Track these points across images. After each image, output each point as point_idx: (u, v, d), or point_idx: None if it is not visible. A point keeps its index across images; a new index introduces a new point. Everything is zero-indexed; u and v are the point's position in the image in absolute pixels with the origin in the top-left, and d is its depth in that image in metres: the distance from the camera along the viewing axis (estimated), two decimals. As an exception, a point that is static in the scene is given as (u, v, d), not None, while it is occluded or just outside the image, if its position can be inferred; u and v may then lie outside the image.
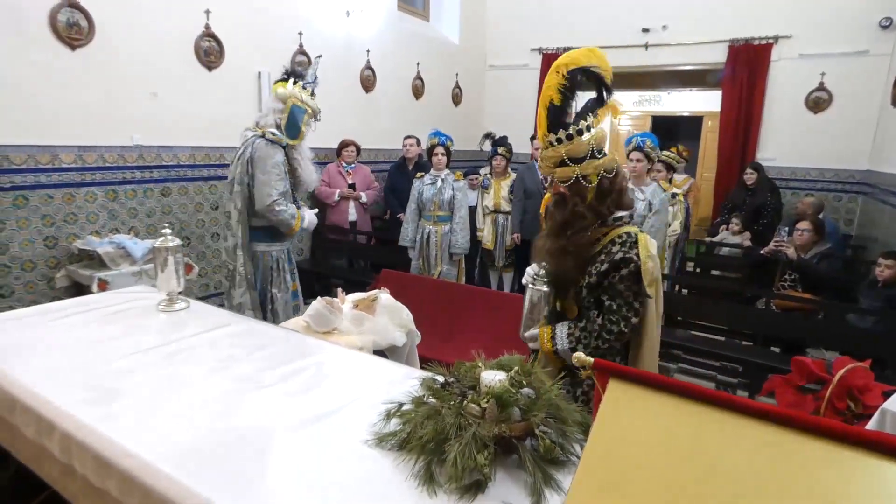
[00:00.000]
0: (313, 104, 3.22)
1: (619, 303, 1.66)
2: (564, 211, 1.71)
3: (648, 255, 1.65)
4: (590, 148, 1.65)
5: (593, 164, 1.65)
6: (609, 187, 1.69)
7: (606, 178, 1.68)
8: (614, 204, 1.72)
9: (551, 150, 1.69)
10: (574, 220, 1.69)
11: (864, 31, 6.07)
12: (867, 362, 2.24)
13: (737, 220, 5.60)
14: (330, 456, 1.16)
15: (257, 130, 3.13)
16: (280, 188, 3.06)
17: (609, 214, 1.71)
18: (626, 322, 1.66)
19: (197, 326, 1.89)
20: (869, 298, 3.73)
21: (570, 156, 1.65)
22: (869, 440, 0.82)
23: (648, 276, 1.63)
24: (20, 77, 3.31)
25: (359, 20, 5.83)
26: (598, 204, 1.69)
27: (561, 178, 1.69)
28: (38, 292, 3.54)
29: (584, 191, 1.67)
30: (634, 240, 1.66)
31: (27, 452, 1.42)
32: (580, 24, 7.53)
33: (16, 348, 1.66)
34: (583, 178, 1.66)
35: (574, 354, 1.09)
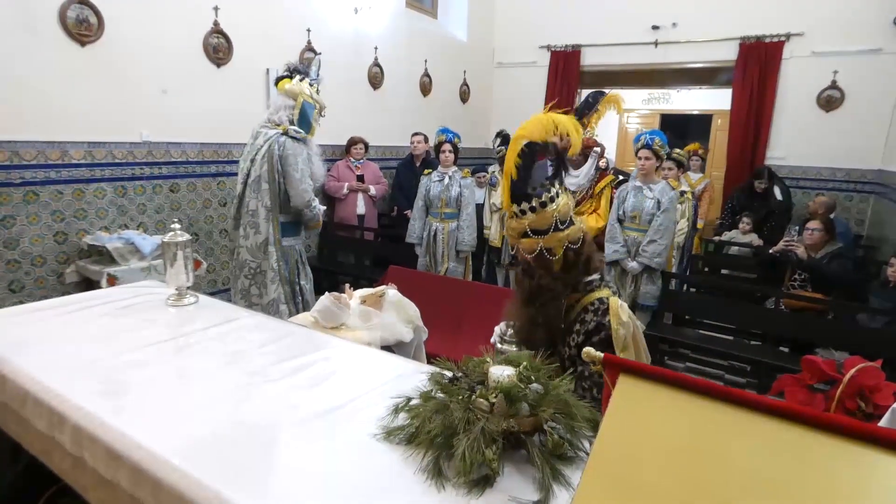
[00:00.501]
0: (320, 100, 3.33)
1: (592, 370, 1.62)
2: (531, 282, 1.69)
3: (620, 322, 1.64)
4: (553, 220, 1.63)
5: (557, 237, 1.64)
6: (574, 259, 1.68)
7: (571, 249, 1.66)
8: (583, 272, 1.70)
9: (515, 221, 1.68)
10: (540, 292, 1.68)
11: (878, 29, 5.98)
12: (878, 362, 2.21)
13: (747, 219, 5.55)
14: (338, 449, 1.17)
15: (278, 128, 3.17)
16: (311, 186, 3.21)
17: (580, 281, 1.70)
18: (598, 388, 1.62)
19: (206, 321, 1.90)
20: (880, 298, 3.69)
21: (534, 228, 1.64)
22: (883, 437, 0.81)
23: (620, 343, 1.63)
24: (30, 73, 3.33)
25: (367, 17, 5.83)
26: (565, 274, 1.68)
27: (525, 250, 1.67)
28: (48, 287, 3.57)
29: (548, 263, 1.66)
30: (606, 306, 1.65)
31: (38, 445, 1.43)
32: (589, 21, 7.48)
33: (27, 342, 1.67)
34: (547, 250, 1.64)
35: (584, 350, 1.08)
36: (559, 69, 7.78)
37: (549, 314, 1.68)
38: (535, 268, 1.68)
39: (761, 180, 5.76)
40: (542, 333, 1.68)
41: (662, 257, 3.89)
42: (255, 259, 3.26)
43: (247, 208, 3.26)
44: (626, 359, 1.02)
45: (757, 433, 0.88)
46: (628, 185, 4.14)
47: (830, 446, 0.84)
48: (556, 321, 1.69)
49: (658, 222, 3.86)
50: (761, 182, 5.74)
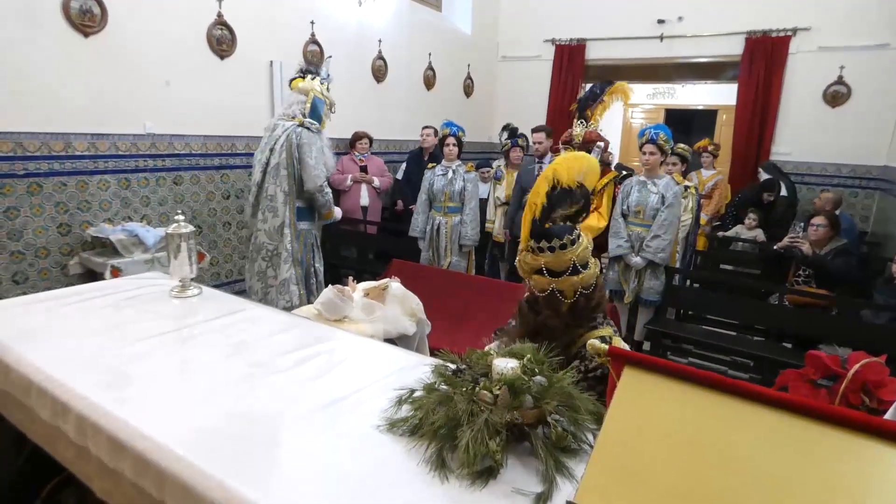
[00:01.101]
0: (330, 97, 3.58)
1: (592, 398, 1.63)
2: (536, 318, 1.64)
3: None
4: (571, 264, 1.57)
5: (571, 282, 1.58)
6: (585, 305, 1.62)
7: (583, 294, 1.60)
8: (590, 315, 1.65)
9: (531, 257, 1.61)
10: (546, 329, 1.62)
11: (885, 25, 5.94)
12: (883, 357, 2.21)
13: (753, 215, 5.51)
14: (341, 441, 1.17)
15: (294, 121, 3.45)
16: (324, 172, 3.48)
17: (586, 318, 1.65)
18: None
19: (209, 312, 1.90)
20: (884, 295, 3.68)
21: (550, 268, 1.58)
22: (885, 429, 0.81)
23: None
24: (33, 64, 3.33)
25: (371, 10, 5.81)
26: (572, 316, 1.63)
27: (537, 288, 1.62)
28: (51, 279, 3.58)
29: (558, 304, 1.60)
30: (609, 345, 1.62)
31: (42, 435, 1.44)
32: (594, 15, 7.44)
33: (31, 332, 1.68)
34: (559, 292, 1.59)
35: (589, 342, 1.08)
36: (564, 63, 7.74)
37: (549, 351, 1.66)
38: (542, 305, 1.63)
39: (770, 193, 5.71)
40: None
41: (666, 252, 3.88)
42: (272, 241, 3.51)
43: (265, 193, 3.50)
44: (630, 350, 1.01)
45: (761, 425, 0.88)
46: (632, 179, 4.13)
47: (834, 438, 0.84)
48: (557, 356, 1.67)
49: (662, 217, 3.85)
50: (770, 195, 5.69)
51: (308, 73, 3.53)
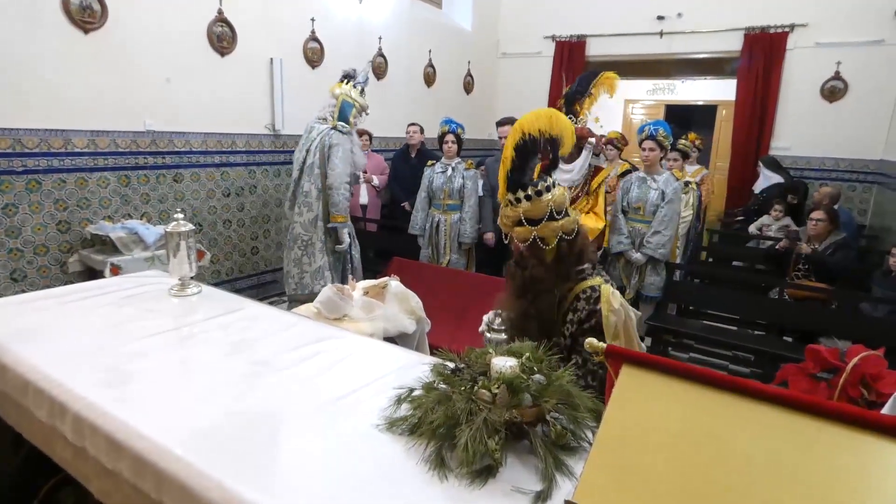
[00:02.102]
0: (361, 101, 3.89)
1: (585, 357, 1.63)
2: (524, 273, 1.69)
3: (611, 309, 1.63)
4: (548, 209, 1.64)
5: (550, 227, 1.64)
6: (567, 250, 1.68)
7: (565, 240, 1.67)
8: (575, 263, 1.70)
9: (510, 210, 1.68)
10: (533, 282, 1.67)
11: (881, 21, 5.99)
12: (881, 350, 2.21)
13: (779, 206, 5.43)
14: (341, 440, 1.17)
15: (327, 124, 3.84)
16: (349, 172, 3.83)
17: (572, 270, 1.69)
18: (592, 376, 1.64)
19: (209, 311, 1.90)
20: (882, 287, 3.69)
21: (528, 216, 1.65)
22: (883, 424, 0.81)
23: (611, 332, 1.62)
24: (33, 60, 3.32)
25: (371, 7, 5.79)
26: (558, 265, 1.68)
27: (519, 239, 1.68)
28: (50, 277, 3.58)
29: (541, 252, 1.66)
30: (598, 294, 1.65)
31: (39, 435, 1.43)
32: (594, 12, 7.44)
33: (29, 331, 1.67)
34: (540, 239, 1.64)
35: (587, 340, 1.08)
36: (564, 60, 7.73)
37: (541, 306, 1.68)
38: (527, 258, 1.68)
39: (794, 196, 5.63)
40: (534, 326, 1.68)
41: (666, 248, 3.88)
42: (307, 233, 3.91)
43: (301, 190, 3.91)
44: (628, 349, 1.01)
45: (759, 421, 0.88)
46: (632, 175, 4.12)
47: (832, 434, 0.84)
48: (548, 313, 1.69)
49: (662, 213, 3.85)
50: (794, 197, 5.61)
51: (347, 78, 3.92)
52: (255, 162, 4.87)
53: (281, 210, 5.22)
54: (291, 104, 5.00)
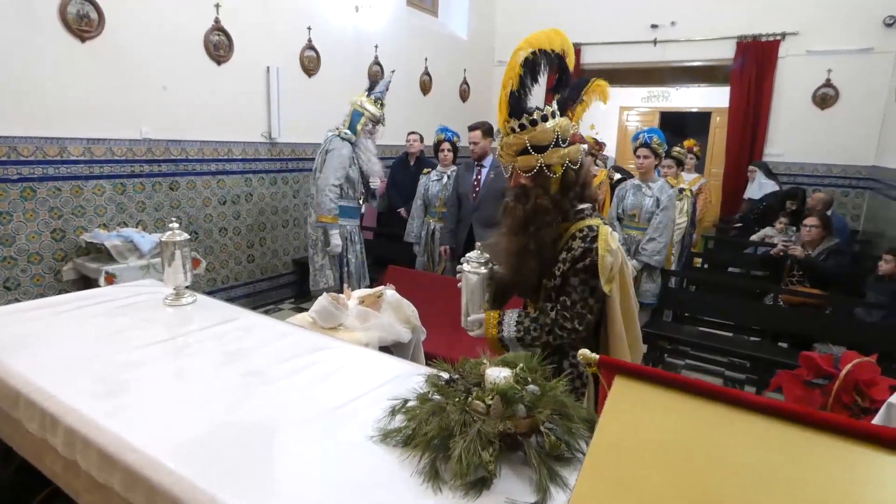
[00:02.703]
0: (372, 110, 4.02)
1: (575, 299, 1.58)
2: (526, 205, 1.59)
3: (608, 249, 1.54)
4: (555, 135, 1.55)
5: (558, 153, 1.55)
6: (574, 179, 1.60)
7: (572, 168, 1.58)
8: (577, 197, 1.62)
9: (513, 137, 1.57)
10: (537, 214, 1.58)
11: (870, 29, 6.07)
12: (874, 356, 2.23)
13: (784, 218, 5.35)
14: (335, 451, 1.16)
15: (336, 131, 4.03)
16: (338, 177, 3.94)
17: (571, 208, 1.61)
18: (580, 319, 1.58)
19: (203, 321, 1.90)
20: (876, 292, 3.71)
21: (534, 143, 1.54)
22: (875, 435, 0.82)
23: (606, 273, 1.54)
24: (29, 68, 3.32)
25: (367, 15, 5.81)
26: (562, 197, 1.59)
27: (523, 168, 1.57)
28: (44, 285, 3.56)
29: (547, 182, 1.57)
30: (595, 233, 1.56)
31: (30, 448, 1.42)
32: (589, 20, 7.49)
33: (21, 342, 1.67)
34: (547, 167, 1.55)
35: (580, 351, 1.08)
36: (559, 67, 7.75)
37: (542, 240, 1.59)
38: (531, 189, 1.59)
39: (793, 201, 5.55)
40: (533, 263, 1.60)
41: (662, 255, 3.89)
42: (314, 233, 4.11)
43: (311, 192, 4.19)
44: (621, 360, 1.01)
45: (752, 432, 0.88)
46: (627, 183, 4.14)
47: (825, 444, 0.85)
48: (549, 248, 1.60)
49: (657, 220, 3.86)
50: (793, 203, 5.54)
51: (369, 89, 4.11)
52: (252, 170, 4.88)
53: (277, 217, 5.23)
54: (288, 112, 5.01)
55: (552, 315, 1.61)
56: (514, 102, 1.57)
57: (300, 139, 5.25)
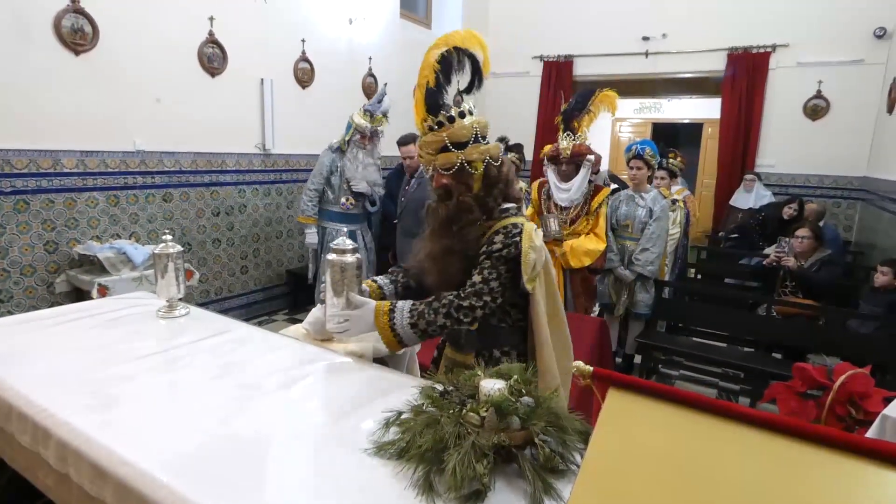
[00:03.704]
0: (360, 122, 4.20)
1: (476, 280, 1.55)
2: (449, 204, 1.58)
3: (532, 245, 1.52)
4: (473, 132, 1.55)
5: (478, 150, 1.55)
6: (496, 176, 1.59)
7: (493, 165, 1.58)
8: (501, 195, 1.61)
9: (431, 135, 1.56)
10: (460, 212, 1.56)
11: (860, 41, 6.15)
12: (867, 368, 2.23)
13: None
14: (329, 464, 1.16)
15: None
16: (315, 182, 4.24)
17: (496, 206, 1.60)
18: (477, 297, 1.53)
19: (197, 333, 1.89)
20: (870, 304, 3.73)
21: (453, 140, 1.54)
22: (868, 448, 0.82)
23: (528, 269, 1.52)
24: (23, 81, 3.33)
25: (361, 27, 5.86)
26: (485, 195, 1.58)
27: (443, 166, 1.56)
28: (37, 297, 3.54)
29: (469, 179, 1.56)
30: (520, 230, 1.55)
31: (22, 461, 1.41)
32: (581, 32, 7.57)
33: (13, 354, 1.65)
34: (467, 163, 1.54)
35: (575, 363, 1.08)
36: (552, 79, 7.84)
37: (467, 238, 1.58)
38: (453, 188, 1.57)
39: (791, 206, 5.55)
40: (459, 263, 1.59)
41: (655, 265, 3.91)
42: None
43: None
44: (615, 372, 1.02)
45: (745, 445, 0.88)
46: (621, 194, 4.17)
47: (818, 458, 0.85)
48: (473, 247, 1.58)
49: (650, 230, 3.89)
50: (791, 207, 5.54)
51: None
52: (245, 181, 4.88)
53: (271, 229, 5.22)
54: (282, 124, 5.02)
55: (450, 296, 1.57)
56: (431, 99, 1.57)
57: (294, 150, 5.26)
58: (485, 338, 1.71)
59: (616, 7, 7.31)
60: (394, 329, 1.57)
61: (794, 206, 5.56)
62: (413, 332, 1.57)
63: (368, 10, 5.88)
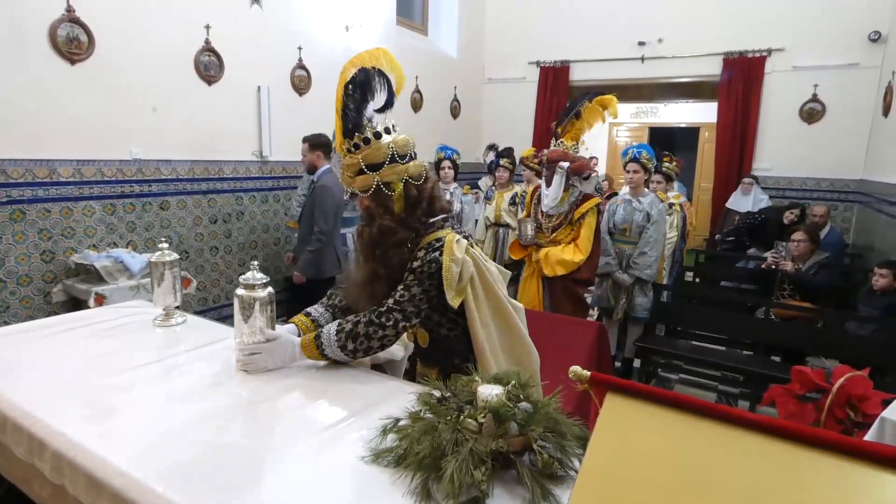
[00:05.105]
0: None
1: (400, 291, 1.54)
2: (373, 227, 1.55)
3: (452, 258, 1.49)
4: (389, 152, 1.52)
5: (394, 170, 1.52)
6: (417, 196, 1.55)
7: (413, 184, 1.54)
8: (424, 214, 1.57)
9: (348, 158, 1.54)
10: (382, 235, 1.54)
11: (855, 45, 6.18)
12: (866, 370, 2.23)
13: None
14: (326, 472, 1.15)
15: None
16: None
17: (422, 225, 1.57)
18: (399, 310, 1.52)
19: (193, 341, 1.88)
20: (868, 306, 3.73)
21: (368, 162, 1.51)
22: (867, 451, 0.82)
23: (451, 283, 1.49)
24: (19, 91, 3.32)
25: (358, 34, 5.87)
26: (408, 216, 1.55)
27: (361, 188, 1.53)
28: (34, 307, 3.52)
29: (388, 201, 1.54)
30: (441, 244, 1.52)
31: (17, 473, 1.40)
32: (577, 38, 7.61)
33: (9, 365, 1.64)
34: (384, 185, 1.52)
35: (571, 368, 1.07)
36: (548, 84, 7.87)
37: (391, 262, 1.56)
38: (373, 211, 1.55)
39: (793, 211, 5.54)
40: (383, 287, 1.58)
41: (653, 269, 3.91)
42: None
43: None
44: (613, 377, 1.01)
45: (744, 449, 0.88)
46: (618, 198, 4.18)
47: (817, 461, 0.84)
48: (398, 270, 1.57)
49: (648, 234, 3.89)
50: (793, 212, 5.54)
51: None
52: (243, 188, 4.88)
53: (268, 236, 5.22)
54: (279, 131, 5.03)
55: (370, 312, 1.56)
56: (345, 123, 1.55)
57: (291, 157, 5.26)
58: (439, 348, 1.69)
59: (612, 12, 7.35)
60: (326, 356, 1.59)
61: (795, 211, 5.57)
62: (344, 353, 1.57)
63: (365, 17, 5.90)
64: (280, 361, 1.63)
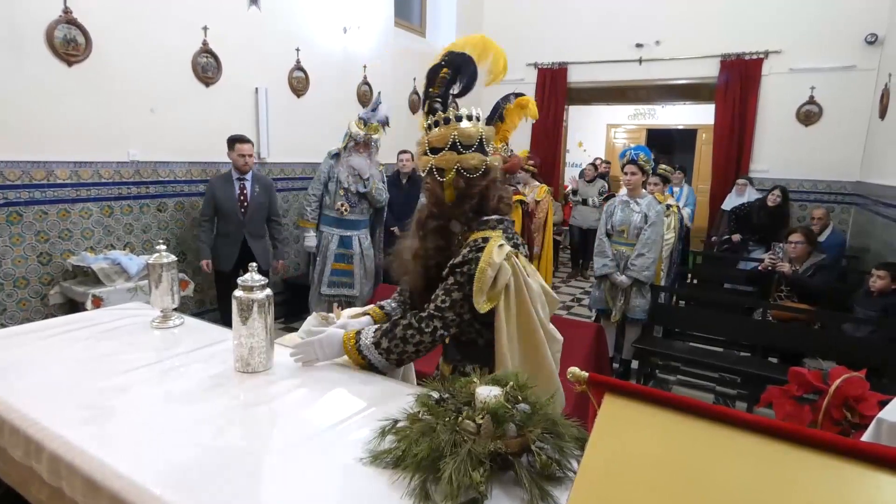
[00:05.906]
0: (354, 130, 4.32)
1: (439, 295, 1.51)
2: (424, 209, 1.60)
3: (489, 262, 1.44)
4: (452, 139, 1.50)
5: (447, 157, 1.50)
6: (465, 189, 1.52)
7: (466, 175, 1.51)
8: (475, 209, 1.55)
9: (422, 136, 1.58)
10: (427, 218, 1.57)
11: (852, 47, 6.22)
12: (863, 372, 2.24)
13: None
14: (325, 475, 1.15)
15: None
16: (314, 188, 4.38)
17: (473, 218, 1.55)
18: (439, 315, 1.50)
19: (191, 343, 1.88)
20: (864, 308, 3.74)
21: (432, 144, 1.53)
22: (863, 452, 0.82)
23: (483, 286, 1.44)
24: (16, 93, 3.32)
25: (355, 36, 5.88)
26: (455, 206, 1.55)
27: (421, 167, 1.57)
28: (31, 309, 3.52)
29: (439, 187, 1.54)
30: (485, 245, 1.48)
31: (15, 475, 1.40)
32: (575, 40, 7.63)
33: (6, 367, 1.64)
34: (437, 170, 1.51)
35: (569, 369, 1.08)
36: (546, 86, 7.89)
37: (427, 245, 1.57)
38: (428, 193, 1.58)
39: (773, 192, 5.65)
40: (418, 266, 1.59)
41: (651, 270, 3.92)
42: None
43: None
44: (611, 378, 1.01)
45: (741, 450, 0.88)
46: (615, 199, 4.18)
47: (814, 462, 0.85)
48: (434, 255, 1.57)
49: (646, 236, 3.90)
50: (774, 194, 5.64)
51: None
52: (241, 190, 4.86)
53: (267, 238, 5.21)
54: (277, 132, 5.03)
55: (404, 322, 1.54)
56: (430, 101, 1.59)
57: (289, 159, 5.27)
58: (459, 351, 1.69)
59: (610, 14, 7.38)
60: (360, 351, 1.59)
61: (776, 192, 5.62)
62: (378, 352, 1.56)
63: (363, 19, 5.91)
64: (330, 354, 1.65)
